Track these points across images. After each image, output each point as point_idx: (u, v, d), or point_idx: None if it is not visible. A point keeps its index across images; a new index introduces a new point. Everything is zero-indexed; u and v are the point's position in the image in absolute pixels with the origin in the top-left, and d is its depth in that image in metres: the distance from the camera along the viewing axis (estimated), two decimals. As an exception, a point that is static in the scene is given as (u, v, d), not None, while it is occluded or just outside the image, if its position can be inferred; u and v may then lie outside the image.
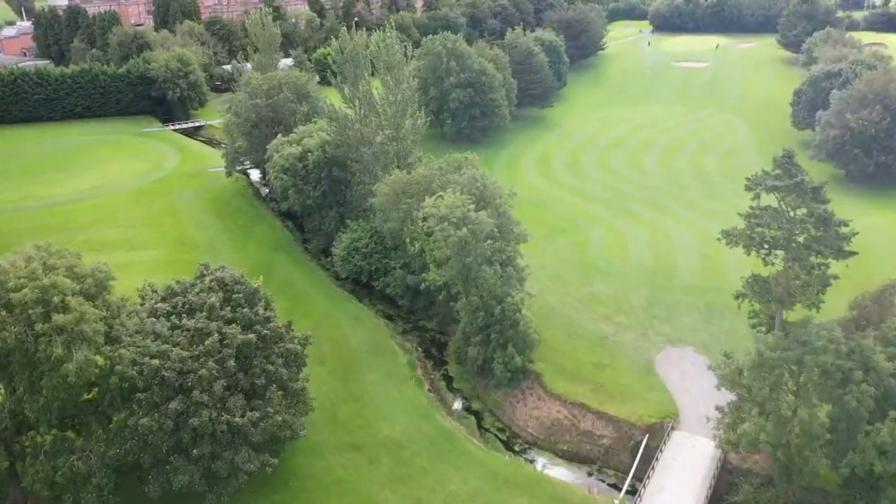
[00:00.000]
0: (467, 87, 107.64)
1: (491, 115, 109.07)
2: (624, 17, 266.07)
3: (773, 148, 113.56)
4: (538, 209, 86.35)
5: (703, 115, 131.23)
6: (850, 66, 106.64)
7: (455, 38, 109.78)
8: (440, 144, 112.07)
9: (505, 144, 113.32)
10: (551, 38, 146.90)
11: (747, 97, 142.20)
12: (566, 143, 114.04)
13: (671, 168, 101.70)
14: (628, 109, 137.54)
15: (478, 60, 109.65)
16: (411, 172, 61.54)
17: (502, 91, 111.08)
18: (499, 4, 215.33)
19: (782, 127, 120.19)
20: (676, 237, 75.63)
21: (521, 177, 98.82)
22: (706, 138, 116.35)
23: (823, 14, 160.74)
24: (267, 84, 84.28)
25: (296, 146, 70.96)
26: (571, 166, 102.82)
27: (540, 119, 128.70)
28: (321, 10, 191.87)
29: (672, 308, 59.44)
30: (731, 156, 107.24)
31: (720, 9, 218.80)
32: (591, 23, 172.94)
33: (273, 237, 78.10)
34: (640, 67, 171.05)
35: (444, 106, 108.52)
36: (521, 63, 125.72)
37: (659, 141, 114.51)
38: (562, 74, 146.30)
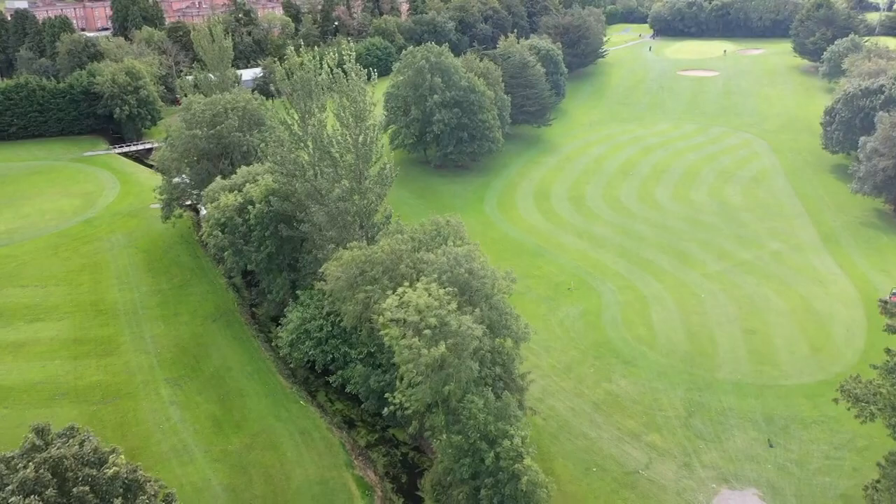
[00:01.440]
0: (454, 106, 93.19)
1: (481, 139, 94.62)
2: (622, 20, 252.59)
3: (806, 175, 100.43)
4: (538, 260, 72.00)
5: (719, 135, 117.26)
6: (892, 81, 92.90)
7: (440, 51, 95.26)
8: (423, 171, 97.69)
9: (497, 171, 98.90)
10: (548, 46, 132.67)
11: (766, 113, 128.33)
12: (568, 170, 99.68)
13: (690, 202, 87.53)
14: (634, 127, 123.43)
15: (466, 76, 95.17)
16: (374, 241, 47.00)
17: (494, 110, 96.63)
18: (489, 8, 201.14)
19: (811, 149, 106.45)
20: (709, 301, 61.35)
21: (517, 215, 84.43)
22: (726, 163, 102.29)
23: (844, 20, 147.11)
24: (211, 110, 69.48)
25: (235, 194, 56.23)
26: (575, 200, 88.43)
27: (537, 139, 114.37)
28: (297, 14, 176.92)
29: (719, 419, 45.08)
30: (757, 185, 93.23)
31: (725, 12, 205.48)
32: (589, 28, 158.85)
33: (214, 301, 63.36)
34: (644, 77, 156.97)
35: (427, 128, 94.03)
36: (515, 76, 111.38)
37: (673, 167, 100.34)
38: (560, 86, 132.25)
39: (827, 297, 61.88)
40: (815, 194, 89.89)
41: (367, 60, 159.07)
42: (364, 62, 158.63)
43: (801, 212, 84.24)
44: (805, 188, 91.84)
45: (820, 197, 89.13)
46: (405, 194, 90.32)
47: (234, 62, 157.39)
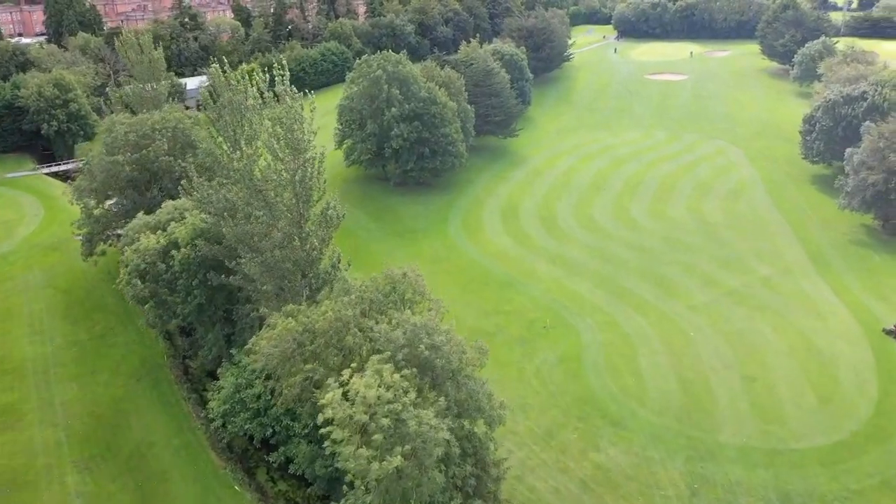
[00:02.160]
0: (413, 119, 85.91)
1: (443, 154, 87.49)
2: (585, 21, 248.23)
3: (786, 187, 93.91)
4: (508, 291, 65.19)
5: (692, 143, 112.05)
6: (873, 88, 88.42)
7: (397, 59, 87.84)
8: (382, 189, 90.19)
9: (462, 188, 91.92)
10: (512, 50, 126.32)
11: (738, 118, 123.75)
12: (537, 185, 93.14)
13: (667, 219, 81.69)
14: (604, 135, 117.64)
15: (426, 86, 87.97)
16: (319, 293, 39.50)
17: (457, 123, 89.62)
18: (450, 10, 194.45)
19: (789, 158, 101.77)
20: (700, 340, 55.19)
21: (485, 237, 77.56)
22: (702, 175, 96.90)
23: (812, 21, 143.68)
24: (136, 132, 61.06)
25: (159, 235, 48.17)
26: (546, 220, 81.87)
27: (503, 151, 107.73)
28: (247, 18, 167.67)
29: (727, 498, 38.63)
30: (736, 199, 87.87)
31: (690, 13, 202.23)
32: (554, 31, 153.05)
33: (140, 354, 55.13)
34: (611, 81, 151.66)
35: (385, 143, 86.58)
36: (478, 85, 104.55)
37: (647, 180, 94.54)
38: (525, 93, 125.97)
39: (827, 332, 56.22)
40: (798, 208, 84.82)
41: (323, 66, 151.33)
42: (319, 68, 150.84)
43: (785, 228, 78.96)
44: (786, 202, 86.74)
45: (803, 211, 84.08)
46: (362, 216, 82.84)
47: (179, 69, 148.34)
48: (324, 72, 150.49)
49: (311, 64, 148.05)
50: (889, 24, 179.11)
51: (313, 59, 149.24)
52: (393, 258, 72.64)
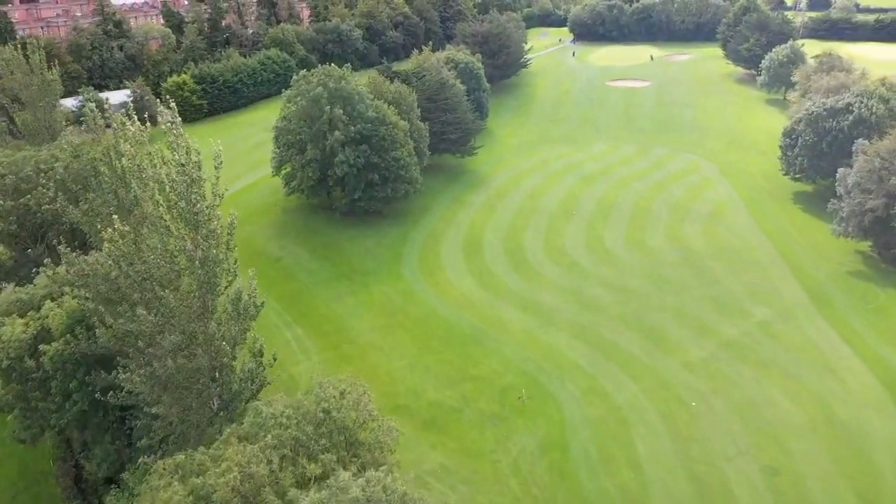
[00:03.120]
0: (360, 142, 75.91)
1: (395, 181, 77.68)
2: (539, 23, 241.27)
3: (768, 208, 78.24)
4: (475, 350, 55.81)
5: (661, 157, 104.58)
6: (858, 99, 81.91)
7: (340, 74, 77.58)
8: (327, 221, 79.84)
9: (417, 217, 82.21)
10: (467, 59, 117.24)
11: (706, 128, 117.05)
12: (500, 211, 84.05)
13: (647, 250, 73.50)
14: (568, 149, 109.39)
15: (373, 104, 78.01)
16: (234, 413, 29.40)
17: (409, 144, 79.91)
18: (399, 13, 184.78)
19: (765, 173, 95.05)
20: (705, 414, 46.67)
21: (445, 279, 68.04)
22: (677, 194, 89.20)
23: (778, 25, 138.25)
24: (14, 173, 49.66)
25: (28, 319, 37.31)
26: (513, 254, 72.80)
27: (461, 171, 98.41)
28: (179, 24, 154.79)
29: None
30: (717, 223, 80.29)
31: (647, 15, 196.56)
32: (510, 37, 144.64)
33: (20, 458, 44.01)
34: (571, 88, 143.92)
35: (329, 170, 76.36)
36: (432, 99, 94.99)
37: (620, 202, 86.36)
38: (483, 105, 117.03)
39: (848, 396, 48.34)
40: (785, 233, 77.63)
41: (263, 76, 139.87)
42: (259, 78, 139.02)
43: (775, 257, 71.50)
44: (771, 225, 79.51)
45: (789, 235, 76.90)
46: (304, 255, 72.46)
47: (103, 82, 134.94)
48: (264, 82, 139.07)
49: (250, 74, 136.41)
50: (847, 25, 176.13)
51: (252, 69, 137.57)
52: (340, 308, 62.75)
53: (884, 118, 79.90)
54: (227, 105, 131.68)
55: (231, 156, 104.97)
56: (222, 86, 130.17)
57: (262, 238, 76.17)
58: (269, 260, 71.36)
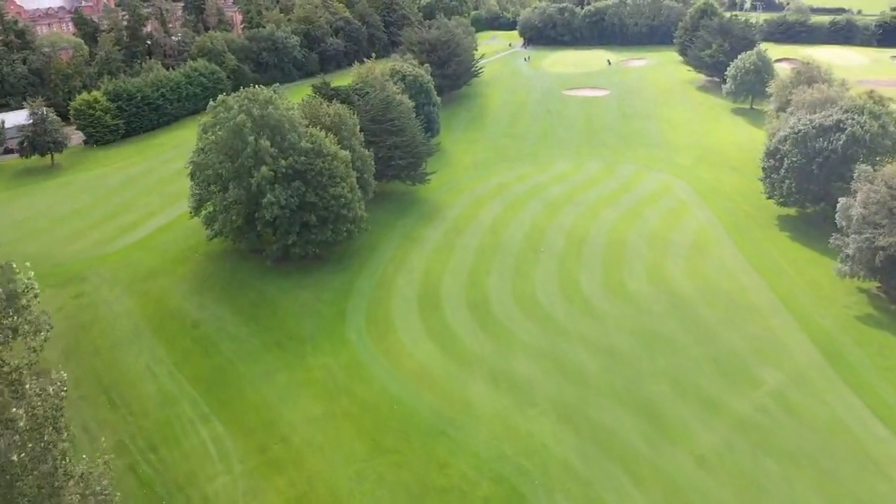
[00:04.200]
0: (293, 178, 64.40)
1: (336, 221, 66.35)
2: (487, 27, 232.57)
3: (755, 238, 66.73)
4: (438, 446, 45.07)
5: (630, 176, 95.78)
6: (848, 116, 74.27)
7: (267, 97, 65.65)
8: (256, 270, 67.95)
9: (363, 261, 70.99)
10: (415, 71, 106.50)
11: (673, 142, 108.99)
12: (459, 250, 73.53)
13: (629, 296, 63.97)
14: (529, 168, 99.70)
15: (308, 132, 66.51)
16: None
17: (352, 177, 68.70)
18: (340, 18, 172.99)
19: (744, 194, 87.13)
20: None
21: (398, 343, 57.04)
22: (653, 222, 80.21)
23: (741, 30, 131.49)
24: None
25: None
26: (478, 308, 62.27)
27: (412, 199, 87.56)
28: (93, 33, 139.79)
29: None
30: (702, 258, 71.46)
31: (599, 18, 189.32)
32: (460, 44, 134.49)
33: None
34: (527, 99, 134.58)
35: (256, 213, 64.56)
36: (377, 120, 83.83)
37: (592, 235, 76.83)
38: (433, 121, 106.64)
39: (901, 502, 39.40)
40: (777, 268, 69.24)
41: (189, 91, 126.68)
42: (184, 93, 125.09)
43: (773, 302, 62.83)
44: (762, 259, 71.06)
45: (783, 272, 68.52)
46: (228, 317, 60.48)
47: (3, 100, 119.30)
48: (190, 97, 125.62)
49: (174, 88, 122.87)
50: (803, 28, 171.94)
51: (176, 83, 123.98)
52: (270, 390, 51.27)
53: (878, 136, 72.49)
54: (148, 124, 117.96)
55: (147, 186, 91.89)
56: (141, 103, 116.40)
57: (177, 295, 63.78)
58: (184, 325, 59.19)
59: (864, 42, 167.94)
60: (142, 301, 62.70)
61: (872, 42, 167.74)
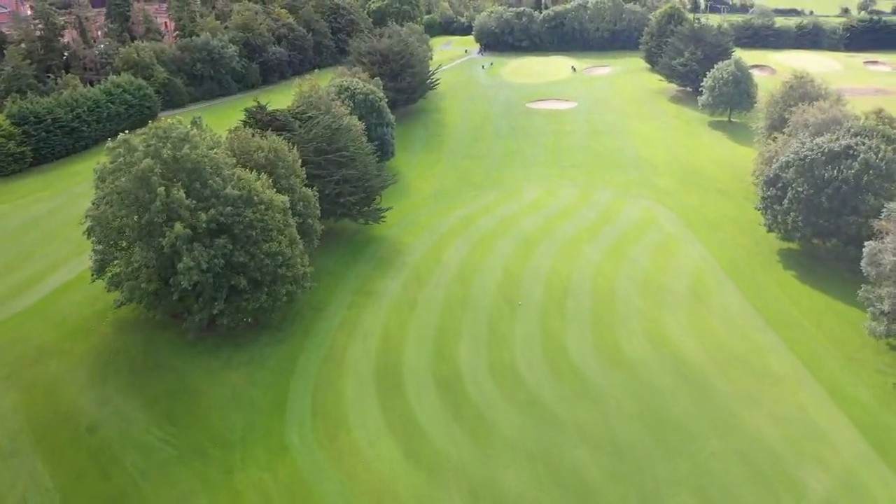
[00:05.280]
0: (218, 234, 52.26)
1: (273, 284, 54.45)
2: (441, 32, 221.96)
3: (759, 280, 51.34)
4: None
5: (609, 204, 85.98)
6: (859, 140, 65.56)
7: (182, 134, 53.13)
8: (175, 346, 55.42)
9: (308, 325, 59.10)
10: (366, 87, 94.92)
11: (650, 161, 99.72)
12: (423, 306, 62.24)
13: (628, 365, 53.71)
14: (496, 196, 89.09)
15: (236, 176, 54.36)
16: None
17: (291, 227, 56.85)
18: (283, 25, 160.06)
19: (738, 223, 78.21)
20: None
21: (352, 445, 45.43)
22: (642, 263, 70.31)
23: (715, 37, 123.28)
24: None
25: None
26: (448, 386, 51.11)
27: (365, 240, 75.96)
28: (0, 45, 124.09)
29: None
30: (704, 308, 61.72)
31: (559, 23, 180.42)
32: (414, 54, 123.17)
33: None
34: (489, 114, 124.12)
35: (171, 277, 52.14)
36: (322, 151, 72.01)
37: (574, 282, 66.40)
38: (387, 143, 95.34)
39: None
40: (793, 321, 59.79)
41: (111, 110, 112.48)
42: (105, 113, 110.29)
43: (796, 368, 53.24)
44: (773, 309, 61.58)
45: (800, 326, 59.13)
46: (135, 414, 47.95)
47: None
48: (111, 117, 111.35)
49: (93, 108, 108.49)
50: (770, 31, 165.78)
51: (94, 101, 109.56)
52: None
53: (893, 163, 63.92)
54: (61, 150, 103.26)
55: (52, 229, 77.71)
56: (52, 125, 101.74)
57: (73, 385, 50.90)
58: (78, 431, 46.48)
59: (831, 46, 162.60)
60: (26, 396, 49.65)
61: (840, 46, 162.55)
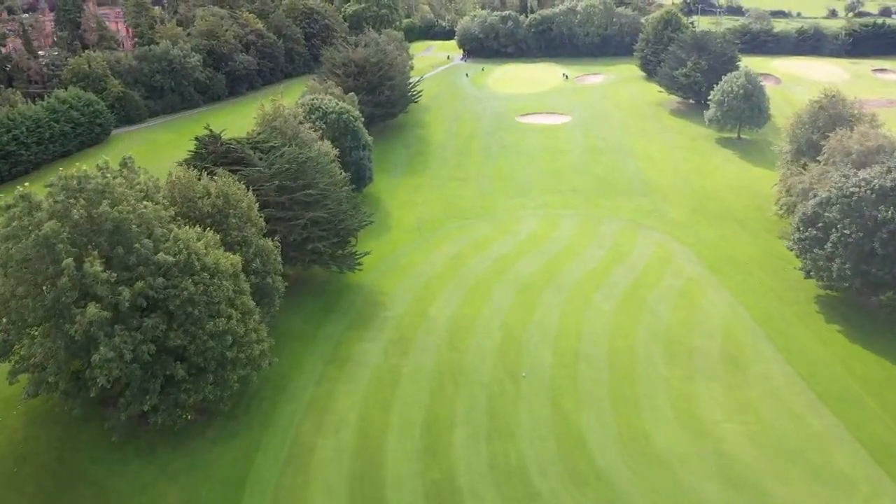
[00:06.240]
0: (148, 312, 41.24)
1: (220, 368, 43.56)
2: (421, 36, 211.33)
3: (800, 339, 41.29)
4: None
5: (616, 238, 75.97)
6: (915, 175, 56.11)
7: (104, 183, 41.94)
8: (100, 443, 44.23)
9: (267, 415, 48.18)
10: (339, 106, 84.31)
11: (659, 187, 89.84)
12: (408, 382, 51.61)
13: (660, 462, 43.57)
14: (488, 230, 78.74)
15: (171, 235, 43.28)
16: None
17: (245, 296, 45.96)
18: (252, 31, 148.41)
19: (764, 264, 68.80)
20: None
21: None
22: (662, 315, 60.26)
23: (720, 45, 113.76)
24: None
25: None
26: (441, 500, 40.60)
27: (338, 290, 65.16)
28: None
29: None
30: (745, 381, 51.75)
31: (546, 28, 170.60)
32: (394, 65, 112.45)
33: None
34: (476, 130, 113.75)
35: (86, 369, 41.01)
36: (286, 189, 61.04)
37: (587, 344, 56.11)
38: (364, 168, 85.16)
39: None
40: (849, 394, 50.09)
41: (55, 130, 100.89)
42: (48, 133, 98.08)
43: (863, 460, 43.61)
44: (823, 379, 51.82)
45: (860, 402, 49.36)
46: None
47: None
48: (56, 137, 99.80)
49: (33, 128, 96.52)
50: (769, 37, 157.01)
51: (36, 120, 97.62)
52: None
53: (961, 203, 54.43)
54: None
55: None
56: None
57: (-41, 511, 39.75)
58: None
59: (833, 52, 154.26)
60: None
61: (842, 52, 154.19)
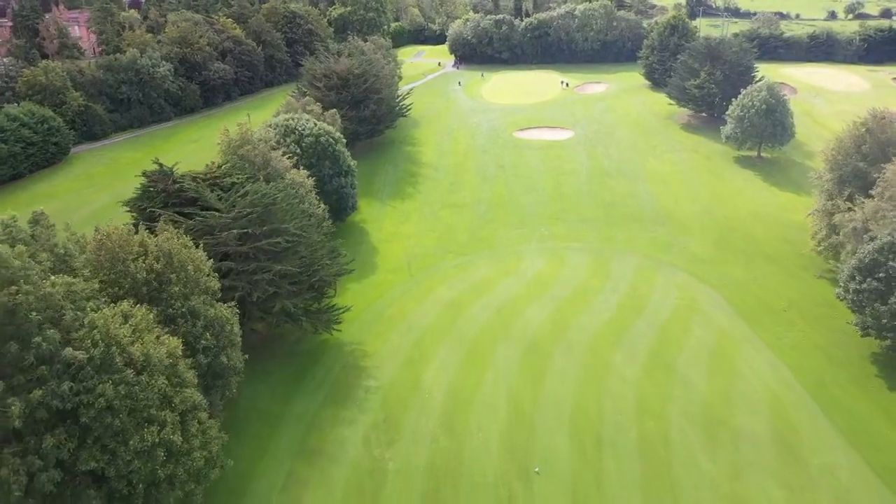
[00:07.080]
0: (53, 425, 31.42)
1: (152, 489, 33.79)
2: (410, 41, 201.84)
3: (865, 419, 35.54)
4: None
5: (633, 281, 66.61)
6: None
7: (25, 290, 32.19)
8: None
9: (219, 532, 38.61)
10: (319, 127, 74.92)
11: (675, 214, 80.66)
12: (394, 482, 42.00)
13: None
14: (487, 270, 69.31)
15: (86, 322, 33.45)
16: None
17: (189, 387, 36.19)
18: (229, 38, 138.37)
19: (813, 318, 59.28)
20: None
21: None
22: (697, 385, 51.01)
23: (735, 53, 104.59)
24: None
25: None
26: None
27: (310, 350, 55.42)
28: None
29: None
30: (798, 470, 42.56)
31: (543, 33, 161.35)
32: (380, 76, 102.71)
33: None
34: (471, 148, 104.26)
35: (-28, 504, 31.23)
36: (250, 236, 51.19)
37: (610, 424, 46.67)
38: (347, 197, 75.68)
39: None
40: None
41: (2, 151, 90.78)
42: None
43: None
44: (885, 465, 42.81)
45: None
46: None
47: None
48: (5, 160, 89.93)
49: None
50: (780, 42, 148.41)
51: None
52: None
53: None
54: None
55: None
56: (-83, 177, 79.71)
57: None
58: None
59: (846, 59, 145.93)
60: None
61: (855, 59, 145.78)
